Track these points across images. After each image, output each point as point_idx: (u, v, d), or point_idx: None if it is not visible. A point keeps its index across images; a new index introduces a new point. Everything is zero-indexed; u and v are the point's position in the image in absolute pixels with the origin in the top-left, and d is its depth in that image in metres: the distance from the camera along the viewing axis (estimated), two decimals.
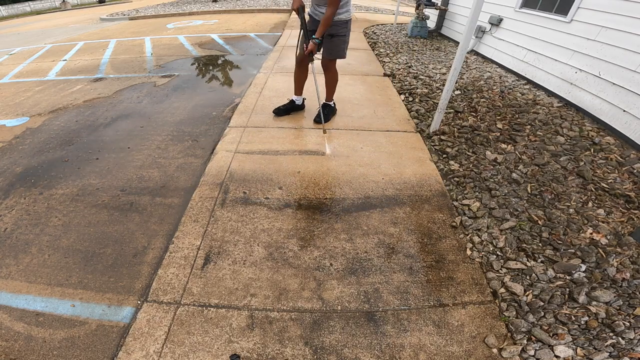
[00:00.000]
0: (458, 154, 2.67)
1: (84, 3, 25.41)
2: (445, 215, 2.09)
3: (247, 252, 1.84)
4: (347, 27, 2.73)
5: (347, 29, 2.74)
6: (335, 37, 2.73)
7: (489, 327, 1.47)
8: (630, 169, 2.42)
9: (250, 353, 1.38)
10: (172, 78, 4.71)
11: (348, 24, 2.72)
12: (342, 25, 2.68)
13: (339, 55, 2.88)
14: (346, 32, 2.74)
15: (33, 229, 2.06)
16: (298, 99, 3.32)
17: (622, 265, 1.69)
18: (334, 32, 2.69)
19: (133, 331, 1.46)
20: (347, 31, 2.75)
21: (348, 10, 2.64)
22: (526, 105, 3.51)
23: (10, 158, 2.83)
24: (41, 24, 12.81)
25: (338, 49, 2.82)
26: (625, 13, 2.87)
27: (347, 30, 2.74)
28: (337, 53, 2.86)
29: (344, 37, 2.76)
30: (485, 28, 5.15)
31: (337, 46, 2.81)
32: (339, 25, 2.66)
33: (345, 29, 2.72)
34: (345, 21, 2.68)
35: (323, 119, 2.96)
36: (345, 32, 2.74)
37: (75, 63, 5.68)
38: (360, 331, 1.46)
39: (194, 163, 2.66)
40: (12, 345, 1.43)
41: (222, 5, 12.24)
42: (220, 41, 6.94)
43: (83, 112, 3.67)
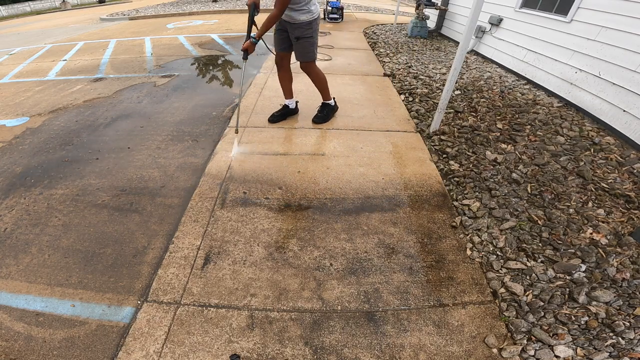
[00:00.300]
0: (458, 154, 2.67)
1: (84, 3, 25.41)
2: (445, 215, 2.09)
3: (247, 252, 1.84)
4: (312, 28, 2.66)
5: (313, 30, 2.67)
6: (301, 39, 2.67)
7: (489, 327, 1.47)
8: (630, 169, 2.42)
9: (250, 353, 1.38)
10: (172, 78, 4.71)
11: (312, 24, 2.65)
12: (306, 26, 2.62)
13: (309, 57, 2.81)
14: (312, 32, 2.67)
15: (33, 229, 2.06)
16: (290, 103, 3.25)
17: (622, 265, 1.69)
18: (299, 34, 2.64)
19: (133, 331, 1.46)
20: (313, 32, 2.69)
21: (309, 10, 2.57)
22: (526, 105, 3.51)
23: (10, 158, 2.83)
24: (41, 24, 12.81)
25: (307, 51, 2.76)
26: (625, 13, 2.87)
27: (312, 31, 2.67)
28: (307, 55, 2.79)
29: (310, 38, 2.69)
30: (485, 28, 5.15)
31: (305, 48, 2.74)
32: (302, 27, 2.61)
33: (311, 30, 2.65)
34: (309, 22, 2.61)
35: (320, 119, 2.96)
36: (311, 32, 2.67)
37: (75, 63, 5.68)
38: (360, 331, 1.46)
39: (194, 163, 2.66)
40: (12, 345, 1.43)
41: (222, 5, 12.24)
42: (220, 41, 6.94)
43: (83, 112, 3.66)
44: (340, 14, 8.61)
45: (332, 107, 3.28)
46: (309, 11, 2.56)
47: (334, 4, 8.47)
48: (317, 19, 2.68)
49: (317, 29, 2.73)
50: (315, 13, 2.63)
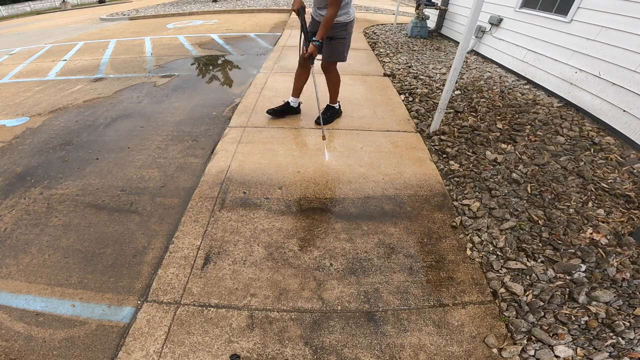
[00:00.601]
0: (458, 154, 2.67)
1: (84, 3, 25.42)
2: (445, 215, 2.09)
3: (247, 252, 1.84)
4: (347, 30, 2.65)
5: (347, 32, 2.67)
6: (334, 39, 2.66)
7: (489, 327, 1.47)
8: (630, 169, 2.42)
9: (250, 353, 1.38)
10: (172, 78, 4.71)
11: (348, 26, 2.64)
12: (342, 27, 2.61)
13: (338, 58, 2.80)
14: (346, 34, 2.66)
15: (33, 229, 2.06)
16: (294, 101, 3.22)
17: (622, 265, 1.69)
18: (333, 34, 2.63)
19: (133, 331, 1.46)
20: (347, 34, 2.68)
21: (348, 12, 2.57)
22: (526, 105, 3.51)
23: (10, 158, 2.83)
24: (41, 24, 12.81)
25: (337, 51, 2.75)
26: (625, 13, 2.87)
27: (347, 33, 2.66)
28: (337, 56, 2.79)
29: (343, 39, 2.68)
30: (485, 28, 5.15)
31: (336, 49, 2.73)
32: (337, 28, 2.60)
33: (345, 32, 2.65)
34: (345, 23, 2.61)
35: (323, 121, 2.95)
36: (345, 34, 2.66)
37: (75, 63, 5.68)
38: (360, 331, 1.46)
39: (194, 163, 2.66)
40: (12, 345, 1.43)
41: (222, 5, 12.24)
42: (220, 41, 6.94)
43: (83, 112, 3.67)
44: None
45: (336, 110, 3.25)
46: (347, 13, 2.56)
47: None
48: (353, 22, 2.68)
49: (351, 32, 2.71)
50: (352, 15, 2.62)
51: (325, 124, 3.12)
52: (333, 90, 3.09)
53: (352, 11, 2.61)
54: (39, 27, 11.50)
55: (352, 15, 2.61)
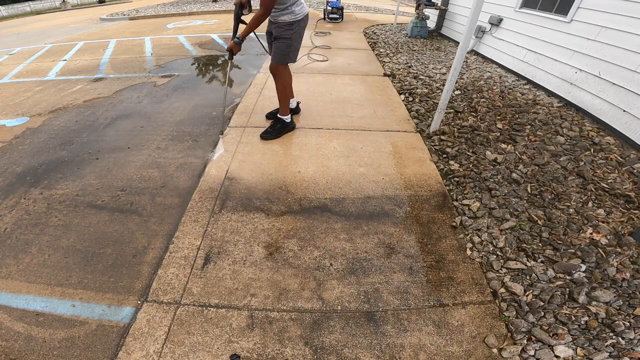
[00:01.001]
0: (458, 154, 2.67)
1: (84, 3, 25.41)
2: (445, 215, 2.09)
3: (247, 252, 1.84)
4: (293, 29, 2.46)
5: (293, 31, 2.47)
6: (279, 39, 2.52)
7: (489, 327, 1.47)
8: (630, 169, 2.42)
9: (250, 353, 1.38)
10: (172, 78, 4.71)
11: (294, 26, 2.45)
12: (286, 27, 2.45)
13: (282, 59, 2.61)
14: (291, 34, 2.47)
15: (33, 229, 2.06)
16: (291, 102, 3.09)
17: (622, 265, 1.69)
18: (277, 34, 2.50)
19: (133, 331, 1.46)
20: (293, 34, 2.48)
21: (292, 11, 2.40)
22: (526, 105, 3.51)
23: (10, 158, 2.83)
24: (41, 24, 12.81)
25: (281, 52, 2.57)
26: (625, 13, 2.87)
27: (292, 33, 2.47)
28: (280, 57, 2.60)
29: (287, 40, 2.50)
30: (485, 28, 5.15)
31: (280, 50, 2.56)
32: (281, 27, 2.46)
33: (290, 31, 2.46)
34: (289, 23, 2.43)
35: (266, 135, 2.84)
36: (290, 34, 2.47)
37: (75, 63, 5.68)
38: (360, 331, 1.46)
39: (194, 163, 2.66)
40: (12, 345, 1.43)
41: (222, 5, 12.24)
42: (220, 41, 6.94)
43: (83, 112, 3.67)
44: (340, 14, 8.61)
45: (286, 124, 2.97)
46: (291, 12, 2.41)
47: (334, 4, 8.47)
48: (301, 22, 2.49)
49: (299, 32, 2.53)
50: (299, 14, 2.44)
51: (272, 138, 2.88)
52: (280, 97, 2.84)
53: (299, 9, 2.43)
54: (39, 27, 11.50)
55: (299, 14, 2.43)
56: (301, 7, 2.46)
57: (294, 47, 2.57)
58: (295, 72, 4.53)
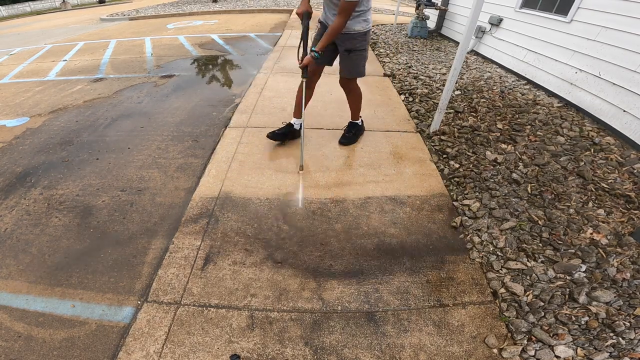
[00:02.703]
0: (458, 154, 2.67)
1: (84, 3, 25.43)
2: (445, 216, 2.09)
3: (247, 252, 1.84)
4: (366, 40, 2.32)
5: (367, 42, 2.33)
6: (353, 52, 2.32)
7: (489, 327, 1.47)
8: (630, 169, 2.42)
9: (251, 353, 1.38)
10: (172, 78, 4.72)
11: (367, 35, 2.30)
12: (361, 38, 2.27)
13: (358, 73, 2.45)
14: (365, 45, 2.33)
15: (33, 229, 2.06)
16: (297, 122, 2.78)
17: (623, 265, 1.69)
18: (351, 46, 2.28)
19: (133, 331, 1.46)
20: (367, 44, 2.34)
21: (367, 19, 2.21)
22: (526, 105, 3.51)
23: (10, 158, 2.83)
24: (41, 24, 12.82)
25: (357, 65, 2.40)
26: (625, 13, 2.87)
27: (366, 43, 2.33)
28: (356, 71, 2.43)
29: (363, 52, 2.34)
30: (485, 28, 5.15)
31: (356, 63, 2.38)
32: (356, 39, 2.25)
33: (364, 42, 2.31)
34: (364, 33, 2.26)
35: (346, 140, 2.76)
36: (365, 45, 2.32)
37: (76, 63, 5.68)
38: (360, 331, 1.46)
39: (194, 163, 2.66)
40: (12, 345, 1.43)
41: (222, 6, 12.24)
42: (220, 41, 6.94)
43: (83, 112, 3.67)
44: None
45: (359, 127, 2.92)
46: (366, 20, 2.20)
47: None
48: (371, 30, 2.36)
49: (369, 41, 2.41)
50: (371, 23, 2.27)
51: (349, 143, 2.83)
52: (355, 107, 2.76)
53: (370, 18, 2.26)
54: (39, 28, 11.51)
55: (370, 22, 2.26)
56: (371, 15, 2.28)
57: (366, 58, 2.42)
58: (295, 73, 4.54)
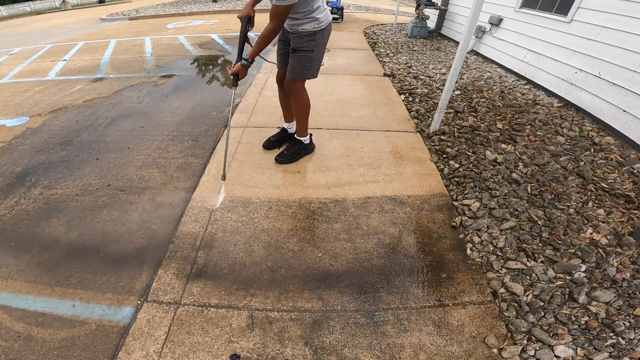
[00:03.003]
0: (458, 154, 2.67)
1: (84, 3, 25.42)
2: (445, 215, 2.09)
3: (247, 252, 1.84)
4: (316, 40, 2.06)
5: (316, 42, 2.07)
6: (298, 51, 2.10)
7: (489, 327, 1.47)
8: (630, 169, 2.42)
9: (251, 353, 1.38)
10: (172, 78, 4.71)
11: (317, 36, 2.05)
12: (308, 37, 2.05)
13: (302, 75, 2.20)
14: (314, 46, 2.07)
15: (33, 229, 2.06)
16: (290, 127, 2.73)
17: (622, 265, 1.69)
18: (296, 45, 2.08)
19: (133, 331, 1.46)
20: (316, 45, 2.08)
21: (316, 19, 2.00)
22: (526, 105, 3.51)
23: (10, 158, 2.83)
24: (41, 24, 12.81)
25: (301, 67, 2.15)
26: (625, 13, 2.87)
27: (314, 44, 2.07)
28: (300, 73, 2.18)
29: (309, 52, 2.10)
30: (485, 28, 5.15)
31: (300, 64, 2.14)
32: (302, 38, 2.05)
33: (313, 42, 2.06)
34: (312, 33, 2.03)
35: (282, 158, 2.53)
36: (313, 46, 2.07)
37: (75, 63, 5.68)
38: (360, 331, 1.46)
39: (194, 163, 2.66)
40: (12, 345, 1.43)
41: (222, 5, 12.24)
42: (220, 41, 6.94)
43: (83, 112, 3.67)
44: (340, 14, 8.61)
45: (304, 146, 2.59)
46: (314, 19, 2.01)
47: (334, 4, 8.47)
48: (325, 31, 2.09)
49: (322, 43, 2.13)
50: (324, 22, 2.04)
51: (286, 162, 2.55)
52: (298, 117, 2.46)
53: (323, 16, 2.04)
54: (39, 27, 11.50)
55: (323, 21, 2.04)
56: (325, 14, 2.06)
57: (316, 60, 2.17)
58: None
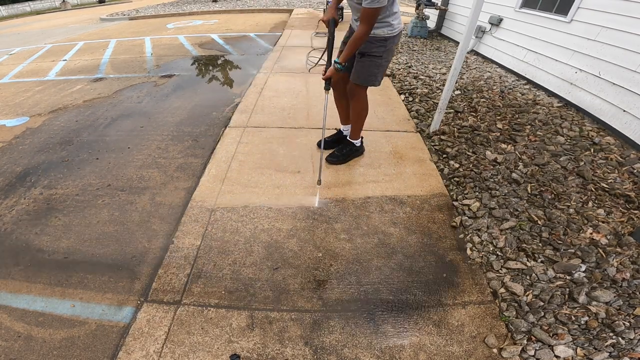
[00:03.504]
0: (458, 154, 2.67)
1: (84, 3, 25.41)
2: (445, 215, 2.09)
3: (247, 252, 1.84)
4: (386, 47, 2.04)
5: (386, 49, 2.05)
6: (366, 56, 2.08)
7: (489, 327, 1.47)
8: (630, 169, 2.42)
9: (251, 353, 1.38)
10: (172, 78, 4.71)
11: (388, 42, 2.03)
12: (379, 43, 2.02)
13: (367, 81, 2.17)
14: (383, 52, 2.05)
15: (33, 229, 2.06)
16: (346, 129, 2.70)
17: (622, 265, 1.69)
18: (366, 50, 2.06)
19: (133, 331, 1.46)
20: (386, 52, 2.06)
21: (390, 24, 1.97)
22: (526, 105, 3.51)
23: (10, 158, 2.83)
24: (41, 24, 12.81)
25: (367, 72, 2.13)
26: (625, 13, 2.87)
27: (384, 50, 2.05)
28: (366, 78, 2.16)
29: (378, 58, 2.08)
30: (485, 28, 5.15)
31: (367, 69, 2.12)
32: (372, 42, 2.02)
33: (383, 48, 2.04)
34: (384, 38, 2.01)
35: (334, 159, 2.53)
36: (382, 52, 2.05)
37: (75, 63, 5.68)
38: (360, 331, 1.46)
39: (194, 163, 2.66)
40: (12, 345, 1.43)
41: (222, 5, 12.24)
42: (220, 41, 6.94)
43: (83, 112, 3.67)
44: (340, 14, 8.61)
45: (355, 148, 2.61)
46: (388, 25, 1.96)
47: None
48: (396, 38, 2.04)
49: (391, 50, 2.09)
50: (396, 29, 2.00)
51: (336, 163, 2.56)
52: (355, 122, 2.46)
53: (397, 22, 1.99)
54: (39, 27, 11.50)
55: (396, 28, 2.00)
56: (399, 21, 2.01)
57: (383, 67, 2.13)
58: (295, 72, 4.54)
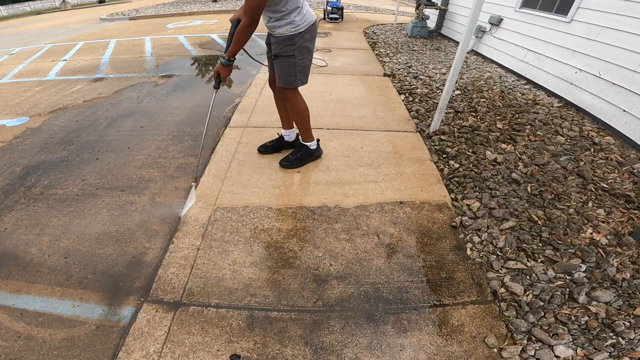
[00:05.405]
0: (458, 154, 2.67)
1: (84, 3, 25.41)
2: (445, 215, 2.09)
3: (247, 252, 1.84)
4: (294, 45, 1.92)
5: (295, 47, 1.93)
6: (279, 57, 2.00)
7: (489, 327, 1.47)
8: (630, 169, 2.42)
9: (250, 353, 1.38)
10: (172, 78, 4.71)
11: (296, 40, 1.91)
12: (286, 42, 1.91)
13: (289, 82, 2.07)
14: (293, 50, 1.93)
15: (33, 229, 2.06)
16: (287, 134, 2.62)
17: (622, 265, 1.69)
18: (276, 50, 1.98)
19: (133, 331, 1.46)
20: (297, 50, 1.94)
21: (292, 21, 1.86)
22: (526, 105, 3.51)
23: (10, 158, 2.83)
24: (41, 24, 12.80)
25: (286, 73, 2.03)
26: (625, 13, 2.87)
27: (294, 49, 1.93)
28: (286, 79, 2.06)
29: (291, 58, 1.96)
30: (485, 28, 5.15)
31: (284, 70, 2.03)
32: (280, 42, 1.94)
33: (292, 47, 1.92)
34: (290, 37, 1.89)
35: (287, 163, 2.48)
36: (292, 50, 1.93)
37: (75, 63, 5.68)
38: (360, 331, 1.46)
39: (194, 163, 2.66)
40: (12, 345, 1.43)
41: (222, 5, 12.24)
42: (220, 41, 6.94)
43: (83, 112, 3.66)
44: (340, 14, 8.61)
45: (310, 151, 2.51)
46: (290, 22, 1.86)
47: (334, 4, 8.47)
48: (306, 33, 1.93)
49: (304, 47, 1.97)
50: (302, 25, 1.89)
51: (291, 167, 2.50)
52: (299, 124, 2.40)
53: (301, 19, 1.88)
54: (39, 27, 11.50)
55: (301, 24, 1.89)
56: (303, 16, 1.90)
57: (300, 65, 2.02)
58: None
